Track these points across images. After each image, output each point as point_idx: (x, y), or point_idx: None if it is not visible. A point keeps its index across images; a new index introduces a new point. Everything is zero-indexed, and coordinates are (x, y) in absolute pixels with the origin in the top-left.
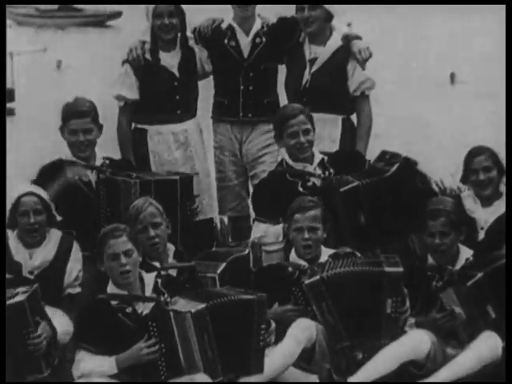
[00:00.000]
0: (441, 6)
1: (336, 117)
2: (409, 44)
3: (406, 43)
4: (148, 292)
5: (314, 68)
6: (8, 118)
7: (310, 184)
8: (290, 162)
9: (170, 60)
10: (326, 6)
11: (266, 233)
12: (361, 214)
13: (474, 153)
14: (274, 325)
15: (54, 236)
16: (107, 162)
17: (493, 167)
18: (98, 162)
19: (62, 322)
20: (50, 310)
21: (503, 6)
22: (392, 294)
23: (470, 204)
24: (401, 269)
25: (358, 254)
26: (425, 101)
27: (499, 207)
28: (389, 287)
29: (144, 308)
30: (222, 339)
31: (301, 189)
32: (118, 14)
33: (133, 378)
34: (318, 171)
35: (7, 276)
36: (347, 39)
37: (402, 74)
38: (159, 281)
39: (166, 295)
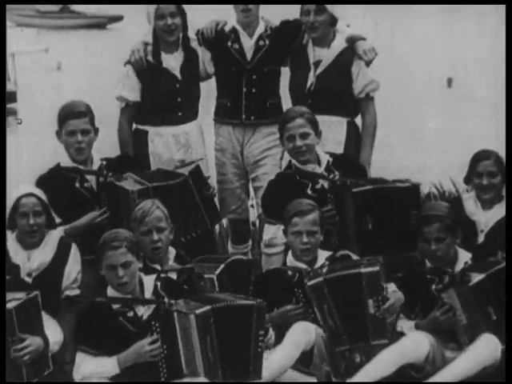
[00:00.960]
0: (439, 6)
1: (341, 119)
2: (405, 46)
3: (402, 45)
4: (148, 295)
5: (319, 70)
6: (9, 118)
7: (318, 187)
8: (298, 164)
9: (172, 62)
10: (331, 10)
11: (276, 234)
12: (368, 217)
13: (480, 156)
14: (272, 332)
15: (53, 238)
16: (104, 163)
17: (497, 173)
18: (96, 165)
19: (53, 332)
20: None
21: (503, 6)
22: (372, 294)
23: (471, 206)
24: (377, 268)
25: (354, 257)
26: (422, 104)
27: (500, 210)
28: (367, 288)
29: (145, 312)
30: (223, 343)
31: (310, 191)
32: (119, 18)
33: (133, 379)
34: (325, 173)
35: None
36: (352, 41)
37: (398, 76)
38: (159, 284)
39: (165, 298)
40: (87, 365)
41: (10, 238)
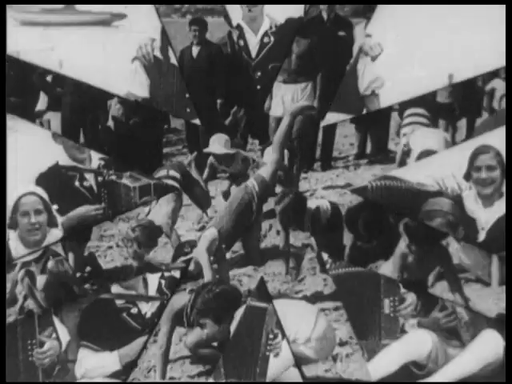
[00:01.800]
0: (439, 6)
1: (345, 116)
2: (406, 45)
3: (402, 44)
4: (152, 293)
5: None
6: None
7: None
8: None
9: None
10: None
11: None
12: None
13: (479, 150)
14: (280, 337)
15: (54, 236)
16: (103, 162)
17: (496, 167)
18: (95, 164)
19: (61, 333)
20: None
21: (503, 6)
22: (389, 294)
23: (471, 204)
24: None
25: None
26: None
27: (500, 208)
28: (385, 287)
29: (148, 309)
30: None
31: None
32: (122, 16)
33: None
34: None
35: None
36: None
37: (399, 74)
38: (163, 282)
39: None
40: (88, 360)
41: (12, 236)
